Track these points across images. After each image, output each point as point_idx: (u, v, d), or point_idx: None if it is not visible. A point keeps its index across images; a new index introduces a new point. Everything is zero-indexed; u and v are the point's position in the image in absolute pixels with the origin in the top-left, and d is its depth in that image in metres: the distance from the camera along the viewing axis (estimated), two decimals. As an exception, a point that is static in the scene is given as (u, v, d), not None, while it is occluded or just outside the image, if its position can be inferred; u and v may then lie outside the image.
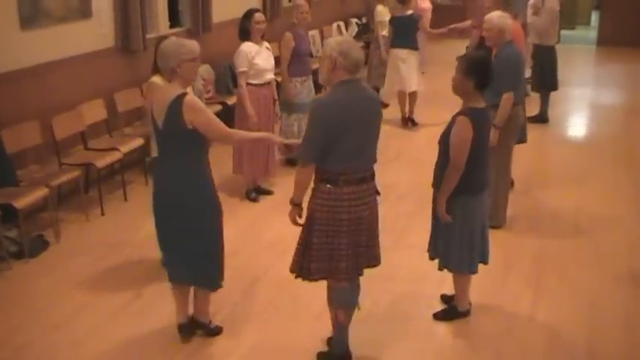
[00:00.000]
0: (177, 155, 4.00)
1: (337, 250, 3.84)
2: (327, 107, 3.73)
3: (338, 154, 3.71)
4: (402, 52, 8.93)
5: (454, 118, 4.24)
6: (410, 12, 8.95)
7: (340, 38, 3.92)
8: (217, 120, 4.06)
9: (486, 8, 6.83)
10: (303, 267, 3.95)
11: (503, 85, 5.47)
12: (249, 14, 6.39)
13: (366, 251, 3.95)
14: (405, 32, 8.83)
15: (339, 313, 4.05)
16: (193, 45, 4.06)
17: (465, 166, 4.16)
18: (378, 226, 4.06)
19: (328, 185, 3.78)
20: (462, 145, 4.14)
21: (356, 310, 4.15)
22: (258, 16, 6.38)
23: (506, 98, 5.53)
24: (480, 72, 4.18)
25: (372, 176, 3.89)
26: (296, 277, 4.03)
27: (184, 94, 3.91)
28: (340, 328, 4.10)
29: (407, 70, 8.96)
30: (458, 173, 4.17)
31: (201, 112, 3.92)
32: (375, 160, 3.92)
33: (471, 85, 4.19)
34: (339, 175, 3.74)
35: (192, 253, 4.13)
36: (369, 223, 3.90)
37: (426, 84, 9.38)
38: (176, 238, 4.11)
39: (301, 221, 3.98)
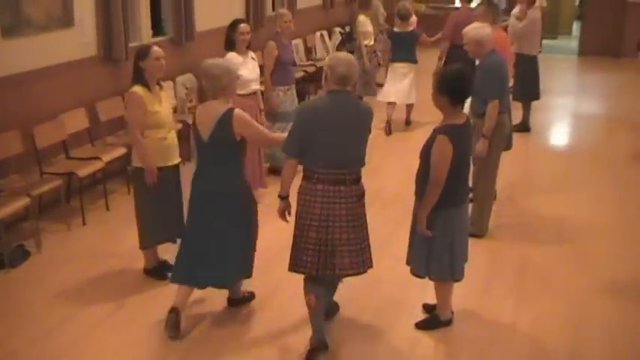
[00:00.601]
0: (222, 163, 4.40)
1: (305, 243, 4.14)
2: (308, 111, 4.18)
3: (314, 154, 4.08)
4: (403, 67, 9.24)
5: (434, 133, 4.26)
6: (410, 29, 9.24)
7: (335, 54, 4.42)
8: (262, 128, 4.69)
9: (474, 17, 6.88)
10: (291, 259, 4.26)
11: (488, 93, 5.51)
12: (234, 24, 6.38)
13: (342, 252, 4.13)
14: (405, 47, 9.16)
15: (310, 298, 4.22)
16: (235, 65, 4.61)
17: (446, 181, 4.18)
18: (363, 232, 4.24)
19: (304, 181, 4.16)
20: (442, 164, 4.16)
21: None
22: (244, 26, 6.39)
23: (492, 106, 5.57)
24: (453, 88, 4.20)
25: (354, 180, 4.16)
26: (289, 270, 4.29)
27: (233, 109, 4.34)
28: (313, 314, 4.24)
29: (408, 83, 9.25)
30: (438, 189, 4.19)
31: (250, 125, 4.40)
32: (358, 166, 4.19)
33: (445, 102, 4.22)
34: (314, 173, 4.10)
35: (230, 251, 4.44)
36: (346, 222, 4.12)
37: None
38: (212, 238, 4.42)
39: (290, 218, 4.32)
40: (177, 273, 4.57)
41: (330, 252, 4.11)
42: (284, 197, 4.28)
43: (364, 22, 10.42)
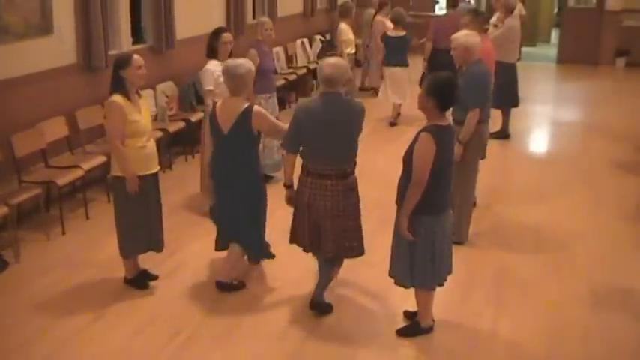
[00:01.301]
0: (238, 153, 4.90)
1: (301, 225, 4.70)
2: (301, 111, 4.60)
3: (306, 149, 4.59)
4: (395, 69, 9.83)
5: (417, 134, 4.28)
6: (403, 33, 9.79)
7: (326, 59, 4.67)
8: (276, 122, 5.16)
9: (463, 25, 6.90)
10: (291, 233, 4.83)
11: (469, 102, 5.54)
12: (217, 33, 6.36)
13: (330, 240, 4.62)
14: (397, 51, 9.75)
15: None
16: (251, 64, 5.08)
17: (427, 185, 4.20)
18: (349, 223, 4.66)
19: (300, 172, 4.66)
20: (424, 161, 4.18)
21: (334, 280, 4.96)
22: (227, 36, 6.39)
23: (472, 115, 5.61)
24: (441, 93, 4.23)
25: (341, 176, 4.58)
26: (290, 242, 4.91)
27: (252, 106, 4.88)
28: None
29: (400, 83, 9.84)
30: (419, 189, 4.20)
31: (266, 119, 4.94)
32: (345, 163, 4.61)
33: (431, 105, 4.24)
34: (306, 166, 4.62)
35: (242, 224, 5.02)
36: (331, 213, 4.58)
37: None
38: (230, 212, 5.02)
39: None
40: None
41: (316, 235, 4.64)
42: (288, 186, 4.78)
43: (346, 30, 10.49)
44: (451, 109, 5.86)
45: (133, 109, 4.88)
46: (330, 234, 4.61)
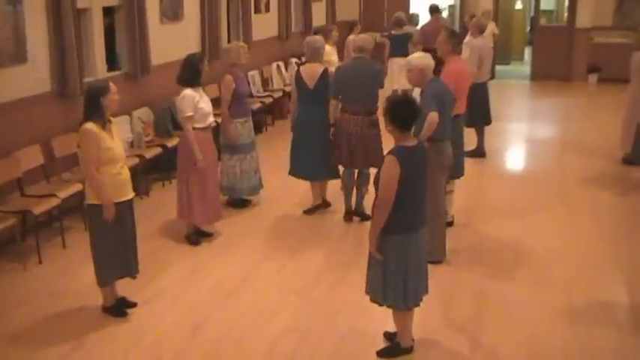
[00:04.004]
0: (318, 104, 6.95)
1: (340, 148, 6.83)
2: (340, 70, 6.96)
3: (344, 96, 6.77)
4: (400, 60, 10.89)
5: (384, 157, 4.33)
6: (404, 32, 11.78)
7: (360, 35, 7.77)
8: None
9: (439, 42, 6.95)
10: (331, 159, 6.99)
11: (425, 110, 5.51)
12: (202, 58, 6.37)
13: (360, 157, 6.74)
14: (400, 45, 11.62)
15: (343, 181, 7.04)
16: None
17: (397, 204, 4.24)
18: (372, 144, 6.67)
19: (340, 111, 6.83)
20: (388, 182, 4.23)
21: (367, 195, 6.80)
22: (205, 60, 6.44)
23: (430, 117, 5.51)
24: (397, 115, 4.31)
25: (367, 113, 6.70)
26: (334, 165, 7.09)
27: (327, 68, 7.11)
28: (345, 192, 7.05)
29: (403, 71, 10.79)
30: (385, 209, 4.25)
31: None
32: (369, 105, 6.70)
33: (391, 128, 4.35)
34: (343, 107, 6.79)
35: (318, 157, 7.04)
36: (357, 139, 6.70)
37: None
38: (307, 149, 7.06)
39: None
40: (292, 169, 7.34)
41: (350, 154, 6.74)
42: (333, 124, 6.88)
43: (329, 51, 10.57)
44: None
45: (106, 135, 4.87)
46: (360, 152, 6.68)
